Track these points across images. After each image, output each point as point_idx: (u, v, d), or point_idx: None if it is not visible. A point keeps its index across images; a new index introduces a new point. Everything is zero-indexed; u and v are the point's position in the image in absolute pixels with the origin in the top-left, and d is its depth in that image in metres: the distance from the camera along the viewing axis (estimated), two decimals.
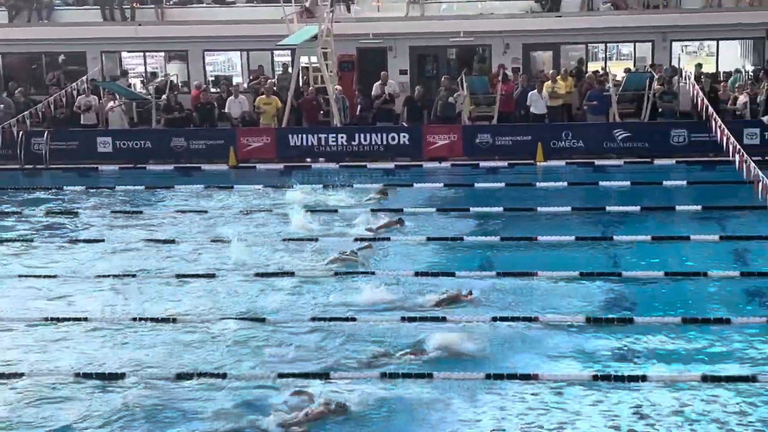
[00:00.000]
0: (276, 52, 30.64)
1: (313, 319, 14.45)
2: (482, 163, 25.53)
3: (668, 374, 12.45)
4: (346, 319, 14.40)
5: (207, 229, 19.86)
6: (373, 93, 27.67)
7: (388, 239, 18.76)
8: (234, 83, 30.39)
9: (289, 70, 28.97)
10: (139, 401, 11.85)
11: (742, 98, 25.75)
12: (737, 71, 28.40)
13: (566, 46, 29.89)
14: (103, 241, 19.21)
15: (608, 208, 20.69)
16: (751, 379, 12.23)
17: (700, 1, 28.88)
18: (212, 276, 16.62)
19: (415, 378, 12.29)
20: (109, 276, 16.76)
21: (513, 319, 14.32)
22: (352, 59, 29.81)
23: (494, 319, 14.30)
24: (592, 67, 29.73)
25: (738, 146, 19.19)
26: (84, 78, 29.50)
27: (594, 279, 16.20)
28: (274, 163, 26.36)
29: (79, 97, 28.51)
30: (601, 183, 23.10)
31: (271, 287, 15.95)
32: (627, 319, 14.34)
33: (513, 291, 15.72)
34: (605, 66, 29.63)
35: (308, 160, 26.41)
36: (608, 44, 30.67)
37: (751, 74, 27.79)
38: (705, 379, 12.27)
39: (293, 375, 12.43)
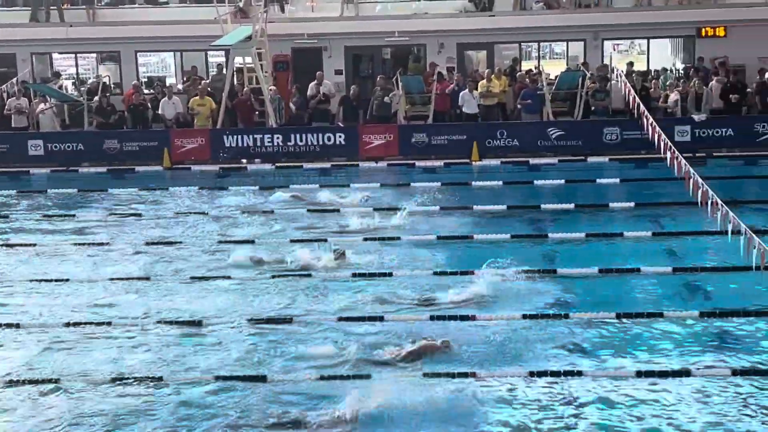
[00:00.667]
0: (210, 53, 30.41)
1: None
2: (418, 163, 25.58)
3: (604, 370, 12.56)
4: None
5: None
6: (308, 93, 27.59)
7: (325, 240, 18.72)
8: (167, 84, 30.10)
9: (224, 70, 28.78)
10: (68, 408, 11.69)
11: (673, 96, 26.15)
12: (664, 70, 28.79)
13: (500, 45, 30.06)
14: (35, 245, 18.90)
15: (543, 206, 20.85)
16: (685, 373, 12.40)
17: (630, 0, 29.25)
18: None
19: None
20: (42, 281, 16.48)
21: (450, 317, 14.39)
22: (287, 59, 29.69)
23: (432, 318, 14.35)
24: (526, 66, 29.96)
25: (669, 143, 19.42)
26: (14, 80, 29.00)
27: (529, 276, 16.35)
28: (208, 165, 26.16)
29: (9, 99, 28.03)
30: (536, 181, 23.26)
31: None
32: (563, 315, 14.47)
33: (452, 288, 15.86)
34: (538, 65, 29.86)
35: (244, 161, 26.26)
36: (541, 43, 30.92)
37: (682, 72, 28.20)
38: (640, 374, 12.42)
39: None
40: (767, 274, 13.52)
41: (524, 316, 14.40)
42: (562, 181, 23.11)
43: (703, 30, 28.66)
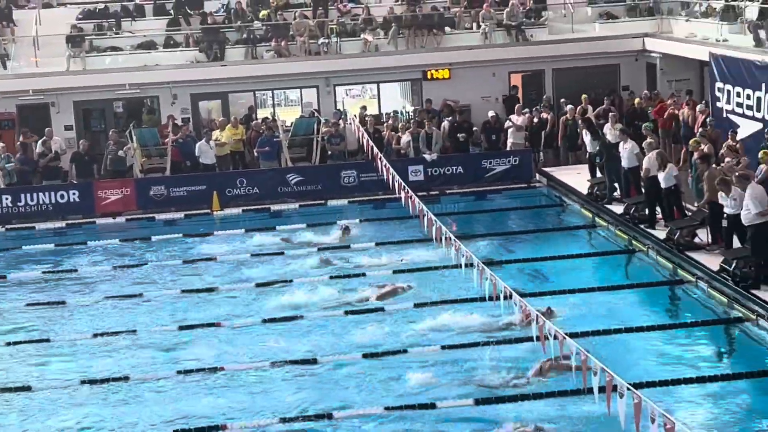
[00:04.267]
0: None
1: None
2: (158, 216, 25.32)
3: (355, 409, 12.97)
4: None
5: None
6: (37, 151, 26.77)
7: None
8: None
9: None
10: None
11: (405, 137, 27.02)
12: (396, 112, 29.84)
13: (234, 94, 30.27)
14: None
15: (286, 252, 21.18)
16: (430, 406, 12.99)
17: (358, 46, 30.20)
18: None
19: None
20: None
21: (198, 371, 14.50)
22: (12, 117, 28.71)
23: (179, 372, 14.38)
24: (262, 113, 30.31)
25: (403, 183, 20.09)
26: None
27: (275, 323, 16.69)
28: None
29: None
30: (279, 227, 23.54)
31: None
32: (311, 360, 14.91)
33: (200, 340, 15.94)
34: (274, 112, 30.29)
35: None
36: (275, 91, 31.36)
37: (412, 114, 29.26)
38: (389, 409, 12.91)
39: None
40: (500, 303, 14.27)
41: (272, 364, 14.75)
42: (304, 225, 23.44)
43: (429, 73, 29.94)
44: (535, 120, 27.41)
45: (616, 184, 22.57)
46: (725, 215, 17.62)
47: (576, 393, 12.71)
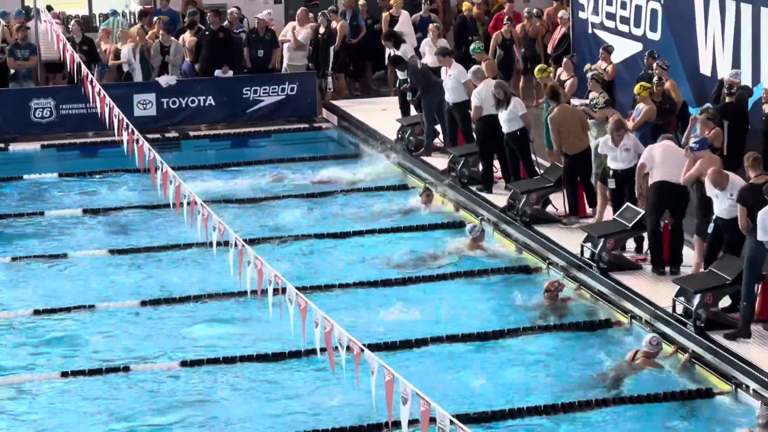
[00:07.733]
0: None
1: None
2: None
3: None
4: None
5: None
6: None
7: None
8: None
9: None
10: None
11: (127, 49, 26.34)
12: (115, 13, 29.08)
13: None
14: None
15: None
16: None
17: None
18: None
19: None
20: None
21: None
22: None
23: None
24: None
25: (125, 120, 19.70)
26: None
27: None
28: None
29: None
30: None
31: None
32: None
33: None
34: None
35: None
36: None
37: (138, 17, 28.55)
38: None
39: None
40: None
41: None
42: None
43: None
44: (321, 30, 27.26)
45: (438, 127, 22.91)
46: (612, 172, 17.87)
47: None
